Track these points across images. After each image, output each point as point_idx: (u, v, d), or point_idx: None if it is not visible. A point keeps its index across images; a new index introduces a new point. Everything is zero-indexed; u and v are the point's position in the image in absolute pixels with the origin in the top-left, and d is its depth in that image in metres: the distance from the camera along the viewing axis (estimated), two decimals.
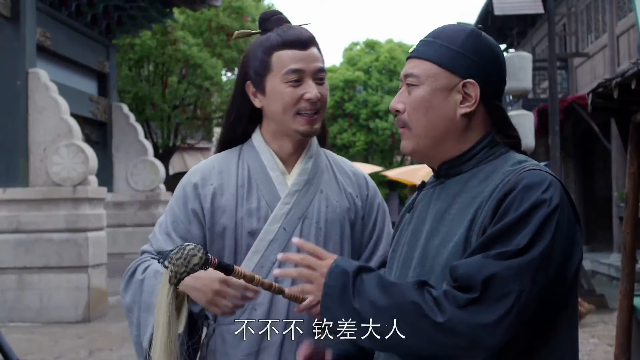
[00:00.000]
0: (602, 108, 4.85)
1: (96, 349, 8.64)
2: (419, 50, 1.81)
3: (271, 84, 2.13)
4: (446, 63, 1.76)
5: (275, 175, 2.19)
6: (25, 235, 10.49)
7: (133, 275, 2.18)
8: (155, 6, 14.62)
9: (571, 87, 18.88)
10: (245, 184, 2.18)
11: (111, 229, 12.85)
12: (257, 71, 2.15)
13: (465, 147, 1.78)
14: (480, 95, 1.76)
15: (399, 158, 31.35)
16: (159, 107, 19.24)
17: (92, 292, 10.62)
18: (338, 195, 2.24)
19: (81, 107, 13.01)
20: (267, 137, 2.23)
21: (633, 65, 4.11)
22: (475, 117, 1.78)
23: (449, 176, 1.80)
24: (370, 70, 30.38)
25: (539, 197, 1.60)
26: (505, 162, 1.74)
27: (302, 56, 2.11)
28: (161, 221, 2.23)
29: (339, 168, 2.33)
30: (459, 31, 1.80)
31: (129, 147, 14.41)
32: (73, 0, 12.77)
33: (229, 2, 19.33)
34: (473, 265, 1.57)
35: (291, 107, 2.12)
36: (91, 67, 13.83)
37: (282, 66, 2.11)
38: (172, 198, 2.24)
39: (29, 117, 10.82)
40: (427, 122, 1.77)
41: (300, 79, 2.11)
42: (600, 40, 16.71)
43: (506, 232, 1.58)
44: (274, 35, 2.14)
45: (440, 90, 1.76)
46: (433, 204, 1.79)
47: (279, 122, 2.16)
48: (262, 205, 2.15)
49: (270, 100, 2.14)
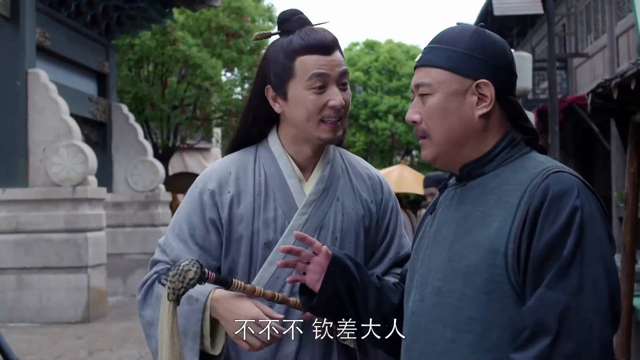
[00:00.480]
0: (601, 108, 4.85)
1: (96, 349, 8.64)
2: (425, 58, 1.79)
3: (294, 90, 2.06)
4: (455, 67, 1.74)
5: (293, 183, 2.13)
6: (25, 235, 10.48)
7: (151, 288, 2.11)
8: (155, 6, 14.61)
9: (571, 88, 18.87)
10: (262, 192, 2.12)
11: (111, 229, 12.85)
12: (278, 76, 2.08)
13: (486, 149, 1.77)
14: (495, 93, 1.75)
15: (399, 158, 31.34)
16: (158, 108, 19.22)
17: (92, 292, 10.62)
18: (354, 202, 2.20)
19: (81, 107, 13.00)
20: (285, 141, 2.16)
21: (632, 66, 4.11)
22: (493, 117, 1.77)
23: (470, 178, 1.79)
24: (370, 70, 30.38)
25: (573, 204, 1.61)
26: (528, 163, 1.74)
27: (326, 61, 2.04)
28: (173, 227, 2.15)
29: (355, 171, 2.27)
30: (463, 32, 1.78)
31: (129, 148, 14.40)
32: (73, 1, 12.76)
33: (229, 3, 19.31)
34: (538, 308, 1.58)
35: (315, 115, 2.05)
36: (91, 67, 13.82)
37: (306, 72, 2.03)
38: (187, 202, 2.16)
39: (28, 118, 10.82)
40: (446, 128, 1.75)
41: (325, 85, 2.04)
42: (600, 40, 16.70)
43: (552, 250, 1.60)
44: (297, 38, 2.06)
45: (454, 95, 1.75)
46: (455, 206, 1.79)
47: (301, 129, 2.09)
48: (279, 215, 2.10)
49: (293, 107, 2.07)
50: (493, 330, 1.63)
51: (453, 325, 1.68)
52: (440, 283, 1.72)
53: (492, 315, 1.64)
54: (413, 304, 1.79)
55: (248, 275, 2.09)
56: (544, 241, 1.60)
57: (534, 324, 1.57)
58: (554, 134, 11.75)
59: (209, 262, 2.09)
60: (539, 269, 1.60)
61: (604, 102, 4.65)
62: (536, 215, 1.62)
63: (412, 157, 31.70)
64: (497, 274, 1.64)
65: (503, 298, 1.63)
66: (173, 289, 1.86)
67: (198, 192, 2.14)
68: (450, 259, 1.71)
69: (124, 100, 18.00)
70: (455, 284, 1.68)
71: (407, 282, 1.88)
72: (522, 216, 1.63)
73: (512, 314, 1.63)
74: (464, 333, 1.66)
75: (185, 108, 20.05)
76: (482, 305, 1.64)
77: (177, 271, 1.85)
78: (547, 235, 1.60)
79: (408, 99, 29.67)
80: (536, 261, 1.61)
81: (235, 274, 2.10)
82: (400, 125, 29.14)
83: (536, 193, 1.64)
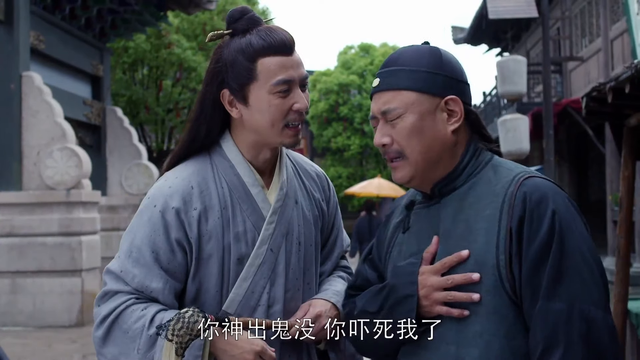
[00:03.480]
0: (596, 112, 4.84)
1: (90, 353, 8.60)
2: (388, 82, 1.78)
3: (256, 94, 1.93)
4: (422, 87, 1.75)
5: (257, 192, 2.02)
6: (19, 239, 10.45)
7: (115, 324, 1.93)
8: (150, 10, 14.61)
9: (565, 91, 18.91)
10: (229, 206, 1.99)
11: (105, 233, 12.81)
12: (238, 80, 1.94)
13: (455, 162, 1.79)
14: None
15: None
16: (153, 111, 19.21)
17: (86, 296, 10.58)
18: (309, 204, 2.15)
19: (75, 110, 12.98)
20: (241, 146, 2.03)
21: (627, 69, 4.11)
22: (460, 129, 1.79)
23: (443, 195, 1.80)
24: (365, 74, 30.40)
25: (552, 209, 1.66)
26: (496, 172, 1.77)
27: (290, 63, 1.94)
28: (129, 252, 1.96)
29: (304, 171, 2.20)
30: (419, 52, 1.80)
31: (123, 151, 14.38)
32: (67, 4, 12.75)
33: (223, 6, 19.30)
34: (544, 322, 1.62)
35: (280, 120, 1.94)
36: (85, 70, 13.80)
37: (270, 75, 1.92)
38: (145, 224, 1.97)
39: (22, 121, 10.79)
40: (423, 147, 1.76)
41: (289, 90, 1.94)
42: (595, 44, 16.73)
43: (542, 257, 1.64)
44: (257, 39, 1.93)
45: (426, 114, 1.76)
46: (434, 224, 1.79)
47: (264, 134, 1.98)
48: (249, 228, 1.99)
49: (255, 112, 1.95)
50: (495, 342, 1.66)
51: (457, 341, 1.69)
52: None
53: (492, 327, 1.66)
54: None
55: (220, 293, 1.99)
56: (533, 249, 1.64)
57: (545, 338, 1.60)
58: (549, 138, 11.76)
59: (176, 286, 1.96)
60: (535, 277, 1.64)
61: (598, 105, 4.65)
62: (520, 224, 1.66)
63: None
64: (492, 286, 1.67)
65: (501, 309, 1.66)
66: (180, 343, 1.79)
67: (159, 211, 1.95)
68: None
69: (119, 103, 17.99)
70: (451, 302, 1.70)
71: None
72: (506, 227, 1.67)
73: (510, 323, 1.66)
74: (469, 347, 1.68)
75: (180, 111, 20.03)
76: (483, 319, 1.67)
77: (183, 324, 1.79)
78: (535, 243, 1.64)
79: None
80: (529, 269, 1.64)
81: (204, 293, 1.99)
82: None
83: (515, 202, 1.68)
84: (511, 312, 1.66)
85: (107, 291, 1.97)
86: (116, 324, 1.93)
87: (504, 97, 11.64)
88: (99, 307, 1.97)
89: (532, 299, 1.63)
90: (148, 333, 1.88)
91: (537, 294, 1.63)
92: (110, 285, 1.97)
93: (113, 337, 1.93)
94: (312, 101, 30.88)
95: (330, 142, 30.28)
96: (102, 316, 1.94)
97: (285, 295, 2.03)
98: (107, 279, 1.99)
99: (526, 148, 10.31)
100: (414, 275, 1.74)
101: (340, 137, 29.86)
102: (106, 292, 1.97)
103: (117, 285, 1.96)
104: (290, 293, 2.04)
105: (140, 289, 1.93)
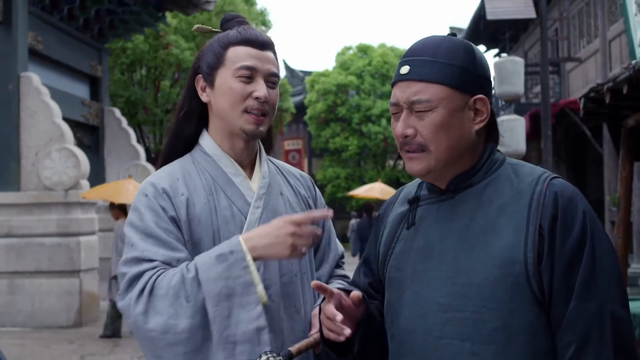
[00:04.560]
0: (594, 113, 4.85)
1: (88, 353, 8.61)
2: (420, 72, 1.75)
3: (221, 77, 2.07)
4: (457, 83, 1.73)
5: (239, 181, 2.10)
6: (17, 239, 10.45)
7: (152, 295, 1.90)
8: (148, 10, 14.60)
9: (563, 92, 18.93)
10: (213, 192, 2.06)
11: (103, 234, 12.80)
12: (209, 64, 2.09)
13: (473, 160, 1.79)
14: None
15: (392, 162, 31.36)
16: (151, 111, 19.20)
17: (84, 296, 10.58)
18: (295, 198, 2.20)
19: (73, 111, 12.98)
20: (217, 138, 2.13)
21: (625, 70, 4.12)
22: (481, 128, 1.78)
23: (458, 191, 1.79)
24: (363, 74, 30.40)
25: (582, 209, 1.68)
26: (516, 171, 1.78)
27: (257, 55, 2.07)
28: (144, 235, 1.97)
29: (287, 171, 2.28)
30: (454, 46, 1.77)
31: (121, 152, 14.38)
32: (65, 4, 12.74)
33: (222, 7, 19.31)
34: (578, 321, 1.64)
35: (239, 103, 2.04)
36: (83, 71, 13.80)
37: (236, 61, 2.05)
38: (145, 211, 2.00)
39: (20, 121, 10.79)
40: (449, 143, 1.74)
41: (252, 77, 2.05)
42: (592, 45, 16.75)
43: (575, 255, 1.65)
44: (233, 32, 2.10)
45: (456, 111, 1.73)
46: (447, 220, 1.78)
47: (225, 118, 2.08)
48: (235, 212, 2.05)
49: (218, 94, 2.07)
50: (516, 339, 1.66)
51: (474, 338, 1.68)
52: (447, 299, 1.71)
53: (514, 324, 1.66)
54: (408, 322, 1.78)
55: None
56: (567, 248, 1.65)
57: (579, 337, 1.63)
58: (547, 139, 11.77)
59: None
60: (568, 274, 1.65)
61: (596, 106, 4.66)
62: (553, 222, 1.66)
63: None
64: (517, 282, 1.66)
65: (524, 305, 1.66)
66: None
67: (153, 197, 2.01)
68: (457, 274, 1.71)
69: (117, 104, 17.98)
70: (468, 298, 1.69)
71: (390, 299, 1.86)
72: (535, 224, 1.67)
73: (532, 320, 1.66)
74: (487, 345, 1.67)
75: None
76: (505, 315, 1.66)
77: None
78: (569, 241, 1.65)
79: None
80: (563, 268, 1.65)
81: None
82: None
83: (545, 201, 1.68)
84: (534, 308, 1.66)
85: (132, 276, 1.93)
86: (153, 295, 1.90)
87: (501, 97, 11.66)
88: (129, 293, 1.93)
89: (565, 297, 1.65)
90: (188, 276, 1.89)
91: (570, 293, 1.64)
92: (133, 270, 1.94)
93: (154, 307, 1.89)
94: (310, 102, 30.87)
95: (329, 142, 30.28)
96: (135, 296, 1.91)
97: (281, 280, 2.05)
98: (127, 267, 1.96)
99: (522, 149, 10.33)
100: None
101: (339, 138, 29.86)
102: (132, 278, 1.93)
103: (141, 267, 1.94)
104: (286, 277, 2.06)
105: (168, 261, 1.94)
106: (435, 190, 1.83)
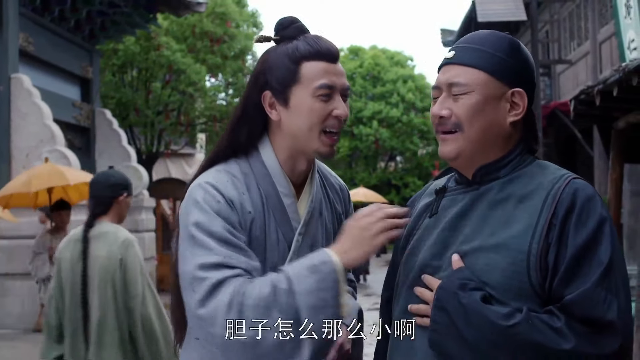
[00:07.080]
0: (584, 115, 4.87)
1: None
2: (462, 56, 1.80)
3: (298, 97, 1.95)
4: (496, 71, 1.77)
5: (289, 203, 2.02)
6: (7, 241, 10.41)
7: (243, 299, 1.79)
8: (139, 12, 14.58)
9: (554, 94, 18.97)
10: (266, 214, 1.99)
11: None
12: (281, 81, 1.96)
13: (503, 153, 1.81)
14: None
15: (383, 164, 31.38)
16: (142, 113, 19.14)
17: None
18: (331, 217, 2.15)
19: (64, 112, 12.94)
20: (280, 154, 2.02)
21: (615, 73, 4.13)
22: (517, 124, 1.81)
23: (483, 182, 1.82)
24: (354, 76, 30.44)
25: (601, 212, 1.69)
26: (543, 169, 1.81)
27: (333, 70, 1.97)
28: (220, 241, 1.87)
29: (329, 183, 2.21)
30: (500, 38, 1.82)
31: (112, 153, 14.34)
32: (56, 6, 12.71)
33: (213, 8, 19.27)
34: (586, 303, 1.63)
35: (318, 124, 1.94)
36: (74, 72, 13.77)
37: (314, 79, 1.94)
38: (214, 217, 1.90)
39: (11, 123, 10.76)
40: (482, 125, 1.77)
41: (331, 95, 1.95)
42: (583, 47, 16.80)
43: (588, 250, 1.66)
44: (303, 44, 1.97)
45: (490, 99, 1.77)
46: (468, 209, 1.80)
47: (301, 139, 1.97)
48: (280, 239, 1.99)
49: (295, 114, 1.96)
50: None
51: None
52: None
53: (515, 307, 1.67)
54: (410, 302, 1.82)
55: None
56: (579, 242, 1.66)
57: (583, 317, 1.62)
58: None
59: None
60: (576, 268, 1.65)
61: (586, 108, 4.68)
62: (567, 217, 1.68)
63: (397, 162, 31.74)
64: (516, 272, 1.68)
65: (520, 296, 1.67)
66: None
67: (224, 205, 1.91)
68: (462, 257, 1.74)
69: (108, 105, 17.92)
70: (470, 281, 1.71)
71: (400, 279, 1.90)
72: (547, 217, 1.69)
73: (533, 305, 1.67)
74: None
75: (169, 113, 19.97)
76: (503, 302, 1.68)
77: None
78: (582, 237, 1.66)
79: (392, 104, 29.73)
80: (572, 260, 1.66)
81: None
82: (385, 131, 29.18)
83: (562, 196, 1.70)
84: (530, 301, 1.67)
85: (216, 283, 1.82)
86: (243, 305, 1.80)
87: None
88: (212, 299, 1.81)
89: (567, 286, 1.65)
90: (282, 287, 1.80)
91: (574, 281, 1.65)
92: (217, 276, 1.82)
93: (246, 317, 1.79)
94: None
95: None
96: (224, 304, 1.80)
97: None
98: (207, 272, 1.84)
99: None
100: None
101: None
102: (215, 284, 1.82)
103: (224, 273, 1.83)
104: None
105: (250, 269, 1.86)
106: (463, 181, 1.86)
